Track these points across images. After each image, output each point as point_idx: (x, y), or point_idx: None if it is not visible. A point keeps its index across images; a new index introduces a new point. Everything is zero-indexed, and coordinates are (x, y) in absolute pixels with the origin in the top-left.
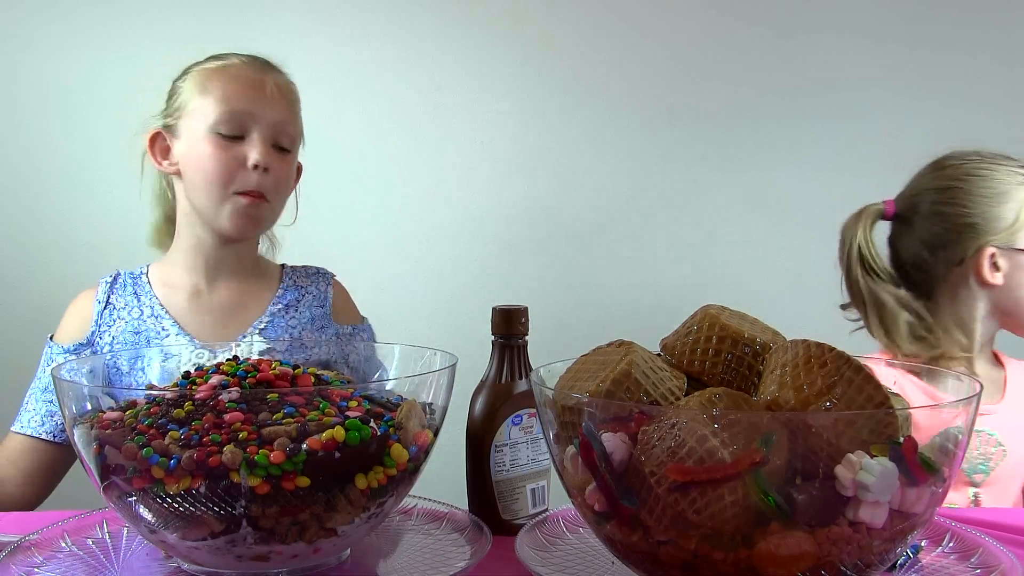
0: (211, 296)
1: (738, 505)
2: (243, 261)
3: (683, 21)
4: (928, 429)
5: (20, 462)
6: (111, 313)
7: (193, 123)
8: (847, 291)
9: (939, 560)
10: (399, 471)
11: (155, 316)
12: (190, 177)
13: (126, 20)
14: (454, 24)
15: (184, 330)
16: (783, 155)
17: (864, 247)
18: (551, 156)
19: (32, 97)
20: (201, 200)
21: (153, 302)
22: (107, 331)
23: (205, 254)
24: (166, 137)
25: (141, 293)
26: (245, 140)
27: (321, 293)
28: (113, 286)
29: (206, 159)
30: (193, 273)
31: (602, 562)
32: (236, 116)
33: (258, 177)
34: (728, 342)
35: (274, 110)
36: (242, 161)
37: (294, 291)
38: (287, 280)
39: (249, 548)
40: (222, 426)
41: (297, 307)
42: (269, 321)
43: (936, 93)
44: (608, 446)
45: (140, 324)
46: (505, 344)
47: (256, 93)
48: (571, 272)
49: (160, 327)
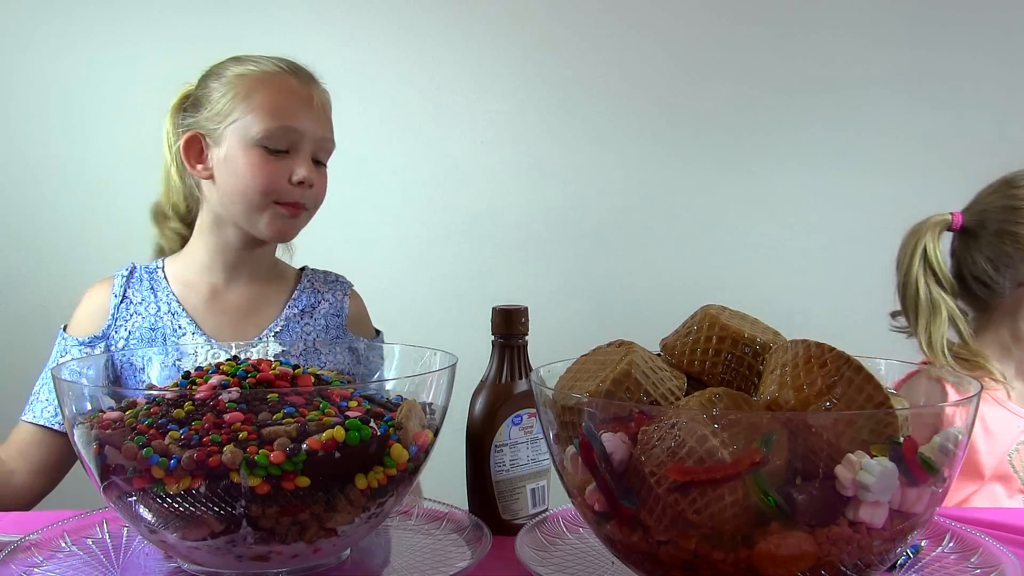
0: (228, 296)
1: (738, 505)
2: (262, 264)
3: (683, 21)
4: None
5: (30, 452)
6: (127, 307)
7: (235, 132)
8: (899, 297)
9: (939, 560)
10: (399, 471)
11: (172, 313)
12: (228, 184)
13: (125, 20)
14: (454, 24)
15: (200, 329)
16: (783, 155)
17: (931, 253)
18: (551, 156)
19: (32, 97)
20: (237, 206)
21: (170, 299)
22: (123, 325)
23: (227, 255)
24: (203, 141)
25: (158, 289)
26: (290, 154)
27: (337, 302)
28: (129, 280)
29: (249, 171)
30: (212, 273)
31: (602, 562)
32: (286, 132)
33: (301, 192)
34: (728, 342)
35: (320, 126)
36: (286, 175)
37: (311, 295)
38: (304, 283)
39: (249, 548)
40: (222, 426)
41: (312, 313)
42: (284, 325)
43: (936, 93)
44: (608, 446)
45: (157, 320)
46: (505, 344)
47: (305, 108)
48: (571, 272)
49: (176, 324)
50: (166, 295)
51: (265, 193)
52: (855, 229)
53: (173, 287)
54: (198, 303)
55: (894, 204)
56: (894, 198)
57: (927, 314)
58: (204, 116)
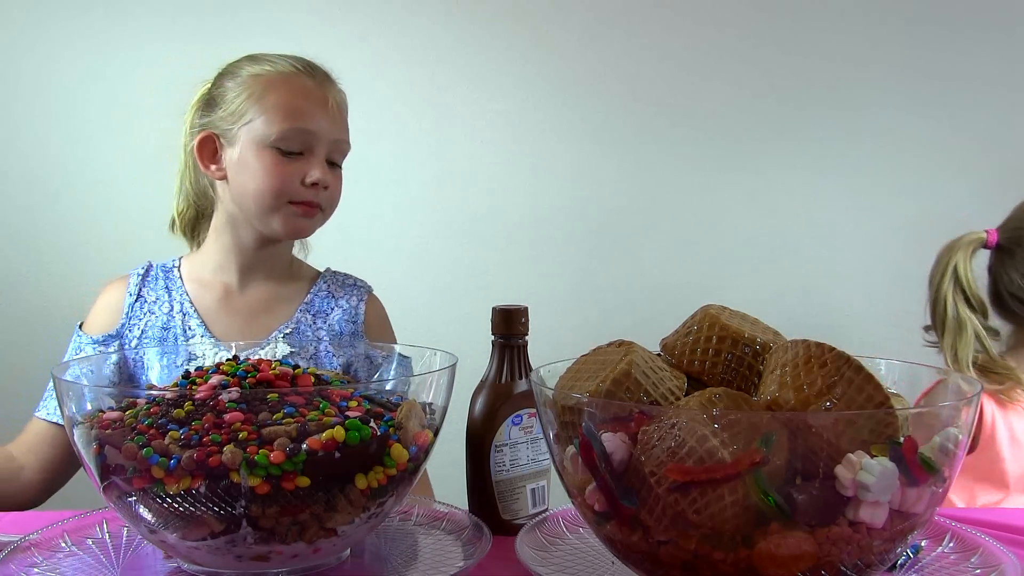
0: (241, 297)
1: (738, 505)
2: (277, 264)
3: (684, 21)
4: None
5: (41, 449)
6: (141, 306)
7: (249, 133)
8: (930, 313)
9: (939, 560)
10: (399, 471)
11: (183, 313)
12: (242, 184)
13: (126, 21)
14: (454, 24)
15: (210, 331)
16: (783, 155)
17: (962, 273)
18: (551, 156)
19: (32, 98)
20: (251, 206)
21: (183, 299)
22: (136, 324)
23: (241, 255)
24: (216, 141)
25: (172, 288)
26: (305, 156)
27: (352, 308)
28: (145, 278)
29: (263, 172)
30: (226, 273)
31: (602, 562)
32: (301, 135)
33: (315, 193)
34: (728, 342)
35: (335, 128)
36: (299, 177)
37: (326, 299)
38: (321, 285)
39: (249, 548)
40: (222, 426)
41: (326, 317)
42: (295, 326)
43: (936, 94)
44: (608, 446)
45: (169, 320)
46: (505, 344)
47: (320, 111)
48: (571, 272)
49: (187, 325)
50: (180, 294)
51: (278, 195)
52: (855, 229)
53: (188, 286)
54: (211, 303)
55: (894, 204)
56: (894, 198)
57: (953, 332)
58: (218, 116)
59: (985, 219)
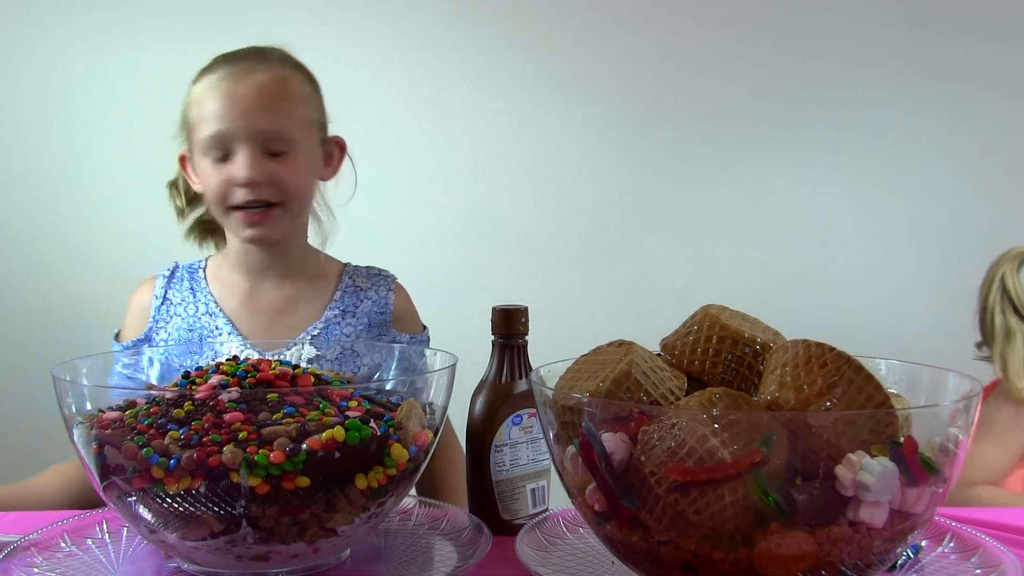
0: (262, 297)
1: (738, 505)
2: (289, 262)
3: (683, 21)
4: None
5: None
6: (168, 308)
7: (195, 147)
8: (979, 325)
9: (939, 560)
10: (399, 471)
11: (209, 314)
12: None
13: (126, 21)
14: (454, 24)
15: (237, 330)
16: (784, 155)
17: (1009, 283)
18: (551, 156)
19: (33, 98)
20: (215, 217)
21: (208, 299)
22: (163, 327)
23: (248, 257)
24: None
25: (197, 289)
26: (232, 158)
27: (381, 299)
28: (171, 280)
29: (205, 183)
30: (242, 274)
31: (602, 562)
32: (216, 139)
33: (249, 192)
34: (728, 342)
35: (256, 119)
36: (232, 180)
37: (352, 295)
38: (346, 281)
39: (249, 548)
40: (222, 426)
41: (355, 313)
42: (324, 327)
43: (936, 94)
44: (608, 446)
45: (195, 321)
46: (505, 344)
47: (232, 108)
48: (571, 272)
49: (214, 325)
50: (204, 295)
51: (219, 202)
52: (856, 229)
53: (212, 287)
54: (235, 303)
55: (894, 204)
56: (894, 198)
57: (1002, 341)
58: (183, 134)
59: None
